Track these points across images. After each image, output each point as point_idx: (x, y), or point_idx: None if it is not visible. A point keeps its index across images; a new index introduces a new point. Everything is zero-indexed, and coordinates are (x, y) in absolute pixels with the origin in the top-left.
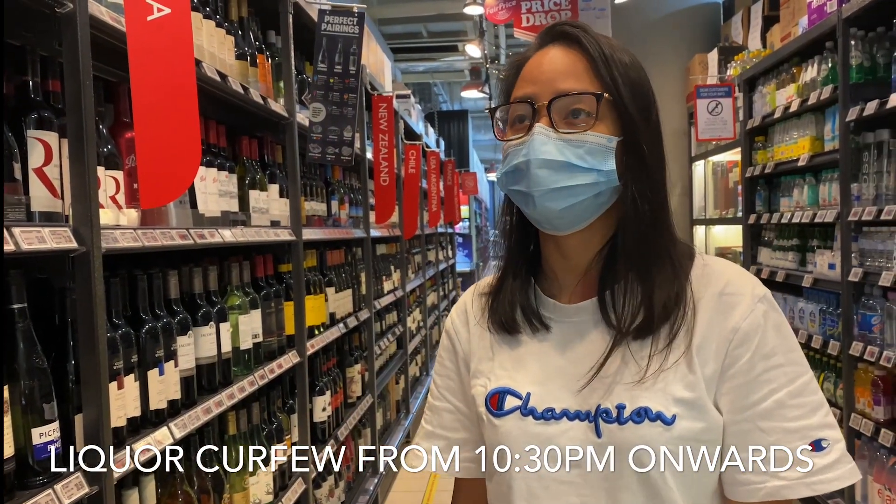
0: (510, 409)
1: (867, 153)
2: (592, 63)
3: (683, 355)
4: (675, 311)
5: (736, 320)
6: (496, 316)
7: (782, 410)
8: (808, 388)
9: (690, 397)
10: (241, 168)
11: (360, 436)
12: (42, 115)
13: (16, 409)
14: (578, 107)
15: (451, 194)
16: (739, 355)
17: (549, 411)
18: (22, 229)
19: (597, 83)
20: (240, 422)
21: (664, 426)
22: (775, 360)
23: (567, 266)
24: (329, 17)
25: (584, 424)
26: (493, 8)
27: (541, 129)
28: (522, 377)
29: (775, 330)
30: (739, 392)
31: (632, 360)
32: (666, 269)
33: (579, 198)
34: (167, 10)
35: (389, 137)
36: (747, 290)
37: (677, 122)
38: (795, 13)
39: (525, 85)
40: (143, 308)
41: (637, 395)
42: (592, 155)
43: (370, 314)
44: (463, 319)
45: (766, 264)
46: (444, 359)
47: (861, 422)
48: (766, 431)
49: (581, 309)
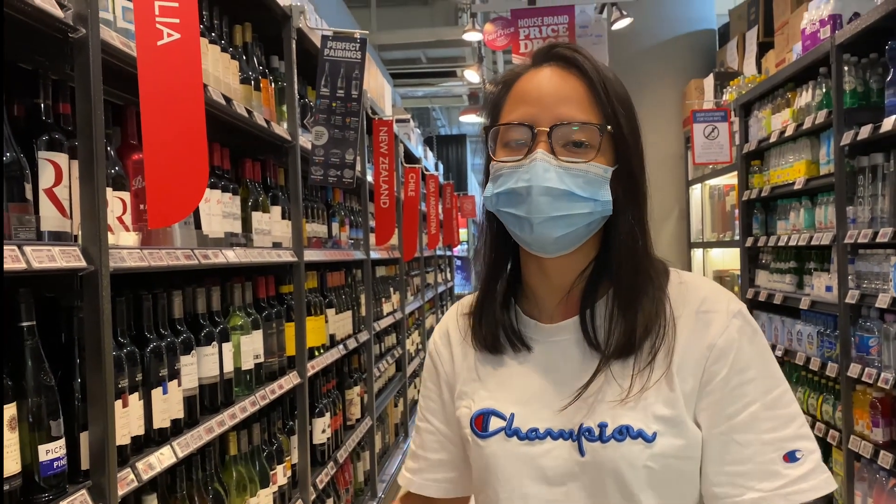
0: (495, 431)
1: (862, 176)
2: (593, 91)
3: (664, 374)
4: (655, 330)
5: (712, 337)
6: (479, 337)
7: (757, 423)
8: (782, 401)
9: (670, 415)
10: (244, 190)
11: (358, 458)
12: (53, 137)
13: (23, 425)
14: (580, 137)
15: (450, 217)
16: (717, 371)
17: (533, 431)
18: (33, 248)
19: (598, 113)
20: (241, 442)
21: (645, 444)
22: (750, 374)
23: (549, 286)
24: (331, 43)
25: (567, 443)
26: (491, 34)
27: (543, 156)
28: (506, 398)
29: (750, 344)
30: (717, 406)
31: (613, 379)
32: (648, 291)
33: (575, 226)
34: (177, 36)
35: (390, 161)
36: (722, 306)
37: (674, 147)
38: (790, 39)
39: (521, 105)
40: (147, 327)
41: (619, 414)
42: (591, 185)
43: (370, 336)
44: (445, 341)
45: (764, 287)
46: (427, 380)
47: (860, 444)
48: (743, 444)
49: (562, 328)
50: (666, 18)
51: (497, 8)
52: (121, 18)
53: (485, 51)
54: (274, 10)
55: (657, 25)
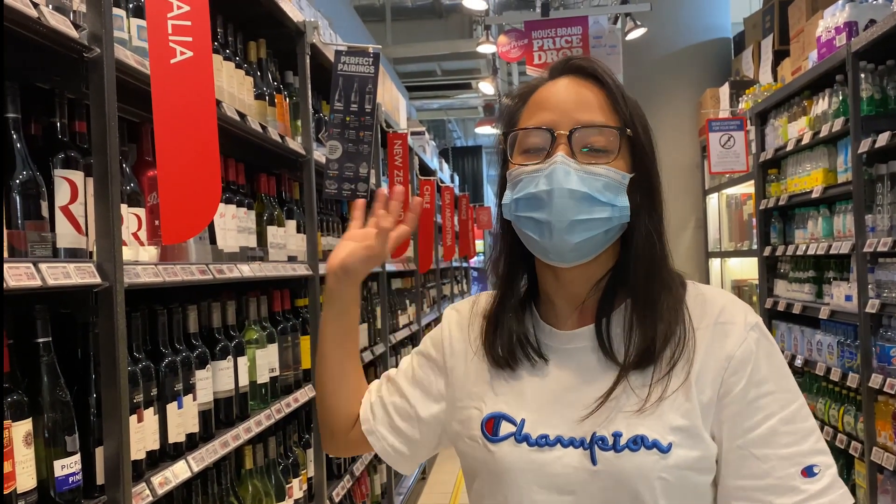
0: (505, 436)
1: (880, 184)
2: (612, 97)
3: (682, 384)
4: (674, 340)
5: (730, 348)
6: (493, 351)
7: (775, 437)
8: (800, 415)
9: (686, 425)
10: (259, 204)
11: (375, 471)
12: (69, 154)
13: (38, 441)
14: (599, 140)
15: (466, 229)
16: (735, 383)
17: (543, 438)
18: (48, 265)
19: (616, 118)
20: (256, 456)
21: (660, 454)
22: (767, 388)
23: (565, 295)
24: (345, 58)
25: (578, 451)
26: (505, 46)
27: (563, 159)
28: (517, 402)
29: (767, 357)
30: (735, 420)
31: (629, 388)
32: (666, 300)
33: (593, 232)
34: (190, 54)
35: (404, 173)
36: (740, 318)
37: (690, 156)
38: (805, 47)
39: (539, 112)
40: (162, 342)
41: (634, 424)
42: (609, 190)
43: (385, 348)
44: (459, 323)
45: (783, 296)
46: (428, 354)
47: (883, 455)
48: (761, 458)
49: (577, 335)
50: (680, 28)
51: (511, 20)
52: (135, 37)
53: (499, 62)
54: (288, 25)
55: (671, 35)
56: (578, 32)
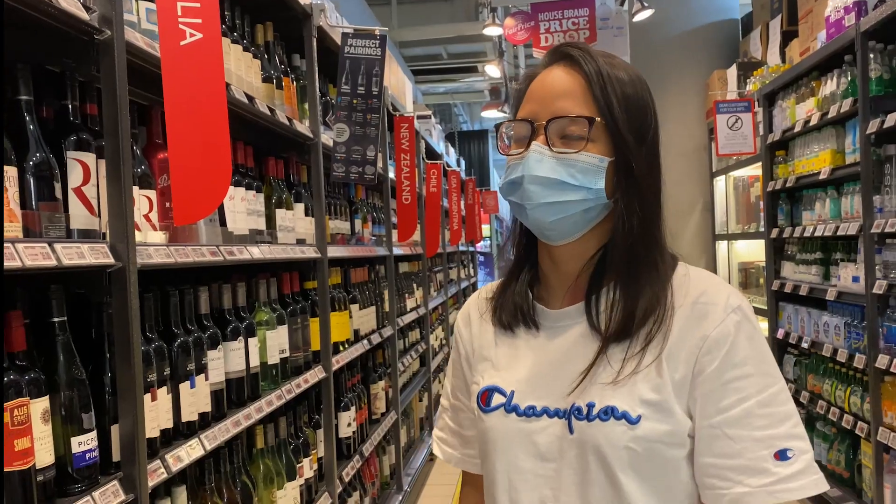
0: (496, 406)
1: (889, 165)
2: (589, 85)
3: (655, 360)
4: (653, 317)
5: (706, 328)
6: (497, 315)
7: (750, 419)
8: (778, 399)
9: (657, 399)
10: (267, 187)
11: (384, 452)
12: (81, 137)
13: (56, 418)
14: (573, 128)
15: (472, 213)
16: (708, 363)
17: (531, 408)
18: (63, 245)
19: (592, 106)
20: (267, 436)
21: (628, 425)
22: (746, 370)
23: (557, 272)
24: (352, 40)
25: (560, 421)
26: (511, 29)
27: (536, 148)
28: (510, 375)
29: (748, 340)
30: (709, 398)
31: (607, 361)
32: (650, 278)
33: (568, 212)
34: (199, 36)
35: (411, 157)
36: (721, 300)
37: (697, 138)
38: (814, 28)
39: (528, 103)
40: (174, 323)
41: (607, 395)
42: (584, 174)
43: (393, 331)
44: (466, 321)
45: (790, 278)
46: (455, 361)
47: (889, 435)
48: (733, 438)
49: (567, 314)
50: (688, 9)
51: (517, 2)
52: (145, 20)
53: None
54: (295, 8)
55: (679, 16)
56: (585, 14)
